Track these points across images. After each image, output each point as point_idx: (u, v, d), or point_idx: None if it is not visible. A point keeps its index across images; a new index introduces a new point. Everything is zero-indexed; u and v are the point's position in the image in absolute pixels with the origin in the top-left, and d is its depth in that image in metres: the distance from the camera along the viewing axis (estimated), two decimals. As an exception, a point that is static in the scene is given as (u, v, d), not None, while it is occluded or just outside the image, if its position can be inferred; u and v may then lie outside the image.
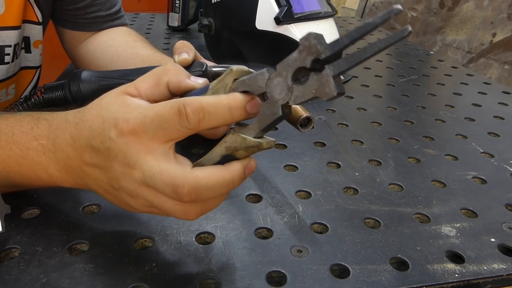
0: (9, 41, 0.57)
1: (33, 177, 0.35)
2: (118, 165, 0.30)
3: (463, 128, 0.64)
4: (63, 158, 0.33)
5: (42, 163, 0.34)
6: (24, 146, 0.34)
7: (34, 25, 0.61)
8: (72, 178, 0.34)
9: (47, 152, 0.34)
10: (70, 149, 0.32)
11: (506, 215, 0.44)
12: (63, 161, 0.33)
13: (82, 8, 0.67)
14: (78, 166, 0.33)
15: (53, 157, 0.34)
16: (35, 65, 0.66)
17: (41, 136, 0.34)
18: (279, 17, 0.73)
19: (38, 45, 0.64)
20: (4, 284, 0.32)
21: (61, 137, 0.33)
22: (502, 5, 1.49)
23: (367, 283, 0.34)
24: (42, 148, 0.34)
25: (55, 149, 0.33)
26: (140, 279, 0.33)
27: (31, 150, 0.34)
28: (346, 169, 0.51)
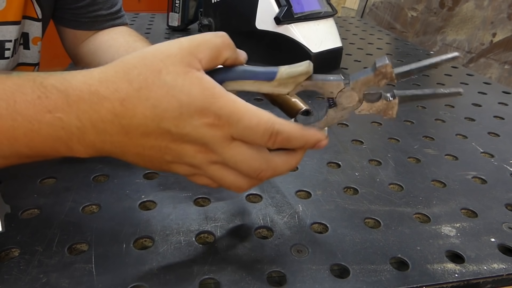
0: (9, 36, 0.57)
1: (47, 150, 0.31)
2: (191, 147, 0.30)
3: (463, 128, 0.64)
4: (97, 135, 0.30)
5: (61, 138, 0.30)
6: (33, 119, 0.29)
7: (33, 22, 0.62)
8: (102, 153, 0.31)
9: (69, 127, 0.30)
10: (110, 126, 0.30)
11: (506, 215, 0.44)
12: (95, 138, 0.30)
13: (84, 7, 0.67)
14: (119, 144, 0.31)
15: (78, 133, 0.30)
16: (33, 62, 0.66)
17: (56, 109, 0.29)
18: (279, 17, 0.73)
19: (37, 42, 0.64)
20: (4, 284, 0.32)
21: (91, 113, 0.29)
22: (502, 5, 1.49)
23: (367, 283, 0.34)
24: (60, 122, 0.29)
25: (82, 125, 0.30)
26: (140, 279, 0.33)
27: (44, 124, 0.29)
28: (346, 169, 0.51)
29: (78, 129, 0.30)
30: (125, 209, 0.41)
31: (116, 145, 0.31)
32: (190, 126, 0.29)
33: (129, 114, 0.29)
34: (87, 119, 0.29)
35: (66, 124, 0.30)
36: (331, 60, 0.82)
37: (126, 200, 0.43)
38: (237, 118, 0.29)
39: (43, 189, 0.44)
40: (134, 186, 0.45)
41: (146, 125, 0.29)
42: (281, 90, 0.32)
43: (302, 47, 0.74)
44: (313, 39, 0.75)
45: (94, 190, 0.44)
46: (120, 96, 0.29)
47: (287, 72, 0.32)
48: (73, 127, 0.30)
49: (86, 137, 0.30)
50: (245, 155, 0.31)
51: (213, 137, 0.30)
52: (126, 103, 0.29)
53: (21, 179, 0.45)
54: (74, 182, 0.45)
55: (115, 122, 0.29)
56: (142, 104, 0.29)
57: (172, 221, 0.40)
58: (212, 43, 0.31)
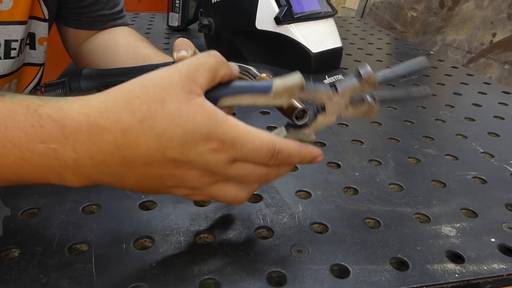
0: (16, 36, 0.58)
1: (36, 179, 0.30)
2: (195, 172, 0.31)
3: (463, 128, 0.64)
4: (94, 167, 0.29)
5: (53, 168, 0.29)
6: (24, 148, 0.28)
7: (40, 22, 0.62)
8: (97, 182, 0.31)
9: (63, 158, 0.29)
10: (112, 158, 0.29)
11: (506, 215, 0.44)
12: (92, 169, 0.29)
13: (87, 6, 0.67)
14: (118, 174, 0.30)
15: (73, 165, 0.29)
16: (39, 63, 0.66)
17: (50, 139, 0.28)
18: (279, 17, 0.73)
19: (43, 42, 0.64)
20: (4, 284, 0.32)
21: (89, 145, 0.28)
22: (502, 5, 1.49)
23: (367, 283, 0.34)
24: (54, 153, 0.28)
25: (79, 157, 0.29)
26: (140, 279, 0.33)
27: (35, 154, 0.28)
28: (346, 169, 0.51)
29: (74, 161, 0.29)
30: (125, 209, 0.41)
31: (114, 175, 0.30)
32: (195, 153, 0.29)
33: (132, 145, 0.29)
34: (84, 151, 0.28)
35: (61, 156, 0.28)
36: (331, 60, 0.82)
37: (126, 200, 0.43)
38: (241, 142, 0.30)
39: (43, 189, 0.44)
40: (134, 186, 0.45)
41: (150, 155, 0.29)
42: (276, 102, 0.33)
43: (302, 47, 0.74)
44: (313, 39, 0.75)
45: (94, 190, 0.44)
46: (122, 128, 0.28)
47: (283, 85, 0.33)
48: (68, 159, 0.28)
49: (82, 169, 0.29)
50: (249, 169, 0.32)
51: (218, 161, 0.30)
52: (129, 134, 0.28)
53: (21, 179, 0.45)
54: (74, 182, 0.45)
55: (116, 154, 0.29)
56: (146, 134, 0.28)
57: (172, 221, 0.40)
58: (208, 65, 0.32)
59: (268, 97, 0.33)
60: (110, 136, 0.28)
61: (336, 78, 0.80)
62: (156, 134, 0.28)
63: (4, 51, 0.57)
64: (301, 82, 0.33)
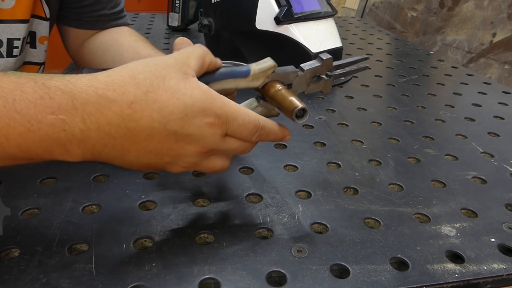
0: (18, 34, 0.58)
1: (39, 152, 0.30)
2: (192, 147, 0.33)
3: (463, 128, 0.64)
4: (99, 139, 0.30)
5: (59, 140, 0.29)
6: (32, 119, 0.28)
7: (41, 21, 0.62)
8: (98, 157, 0.32)
9: (71, 129, 0.29)
10: (116, 129, 0.30)
11: (506, 215, 0.44)
12: (97, 141, 0.30)
13: (88, 6, 0.67)
14: (120, 147, 0.31)
15: (80, 136, 0.30)
16: (39, 61, 0.66)
17: (59, 110, 0.29)
18: (279, 17, 0.73)
19: (44, 41, 0.64)
20: (4, 284, 0.32)
21: (98, 116, 0.29)
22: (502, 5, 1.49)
23: (367, 283, 0.34)
24: (62, 124, 0.29)
25: (86, 128, 0.29)
26: (140, 279, 0.33)
27: (44, 125, 0.29)
28: (346, 169, 0.51)
29: (81, 131, 0.29)
30: (125, 209, 0.41)
31: (117, 148, 0.31)
32: (194, 126, 0.32)
33: (137, 117, 0.30)
34: (93, 122, 0.29)
35: (69, 126, 0.29)
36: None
37: (126, 200, 0.43)
38: (233, 117, 0.34)
39: (43, 189, 0.44)
40: (134, 186, 0.45)
41: (152, 127, 0.31)
42: (254, 84, 0.40)
43: (302, 47, 0.74)
44: (313, 39, 0.75)
45: (94, 190, 0.44)
46: (128, 99, 0.30)
47: (259, 68, 0.39)
48: (76, 129, 0.29)
49: (88, 141, 0.30)
50: (236, 144, 0.36)
51: (214, 135, 0.33)
52: (134, 106, 0.30)
53: (21, 179, 0.45)
54: (74, 182, 0.45)
55: (121, 126, 0.30)
56: (150, 107, 0.30)
57: (172, 221, 0.40)
58: (197, 53, 0.35)
59: (247, 80, 0.39)
60: (117, 108, 0.30)
61: (336, 78, 0.80)
62: (159, 107, 0.30)
63: (6, 50, 0.57)
64: (273, 65, 0.40)
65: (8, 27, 0.56)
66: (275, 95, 0.40)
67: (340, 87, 0.79)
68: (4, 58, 0.58)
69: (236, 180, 0.47)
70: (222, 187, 0.46)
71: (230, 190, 0.45)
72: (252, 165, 0.50)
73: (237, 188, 0.46)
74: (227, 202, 0.43)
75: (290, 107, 0.38)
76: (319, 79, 0.43)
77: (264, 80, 0.40)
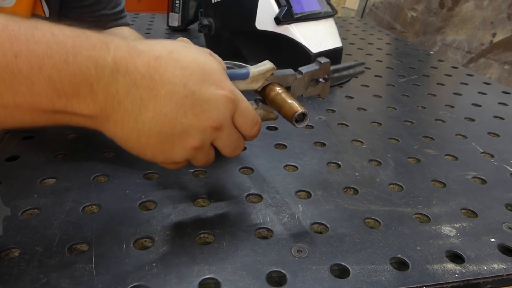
0: None
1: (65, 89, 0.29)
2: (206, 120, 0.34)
3: (463, 128, 0.64)
4: (124, 84, 0.31)
5: (89, 78, 0.30)
6: (69, 51, 0.29)
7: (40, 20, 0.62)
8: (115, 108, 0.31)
9: (102, 68, 0.30)
10: (141, 77, 0.31)
11: (506, 215, 0.44)
12: (122, 86, 0.31)
13: (88, 6, 0.67)
14: (140, 100, 0.32)
15: (108, 77, 0.30)
16: None
17: (94, 48, 0.30)
18: (279, 17, 0.73)
19: None
20: (4, 284, 0.32)
21: (128, 60, 0.31)
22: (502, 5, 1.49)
23: (367, 283, 0.34)
24: (95, 61, 0.30)
25: (116, 69, 0.30)
26: (140, 279, 0.33)
27: (78, 58, 0.29)
28: (346, 169, 0.51)
29: (111, 71, 0.30)
30: (125, 209, 0.41)
31: (137, 100, 0.32)
32: (210, 93, 0.33)
33: (161, 70, 0.32)
34: (122, 65, 0.31)
35: (100, 65, 0.30)
36: (331, 60, 0.82)
37: (126, 200, 0.43)
38: (241, 98, 0.36)
39: (43, 189, 0.44)
40: (134, 186, 0.45)
41: (174, 83, 0.32)
42: (253, 86, 0.41)
43: (302, 47, 0.74)
44: (313, 39, 0.75)
45: (94, 190, 0.44)
46: (155, 54, 0.32)
47: (258, 70, 0.40)
48: (107, 69, 0.30)
49: (113, 84, 0.31)
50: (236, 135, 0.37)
51: (226, 109, 0.34)
52: (160, 60, 0.32)
53: (21, 179, 0.45)
54: (74, 182, 0.45)
55: (146, 75, 0.31)
56: (173, 63, 0.33)
57: (172, 221, 0.40)
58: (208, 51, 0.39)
59: (247, 82, 0.40)
60: (145, 58, 0.32)
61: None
62: (182, 66, 0.33)
63: None
64: (272, 67, 0.41)
65: None
66: (275, 99, 0.40)
67: (340, 87, 0.79)
68: None
69: (236, 180, 0.47)
70: (222, 187, 0.46)
71: (230, 190, 0.45)
72: (252, 165, 0.50)
73: (237, 188, 0.46)
74: (227, 202, 0.43)
75: (290, 111, 0.38)
76: (317, 83, 0.45)
77: (263, 82, 0.41)
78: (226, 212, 0.42)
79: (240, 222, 0.40)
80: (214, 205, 0.43)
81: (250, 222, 0.41)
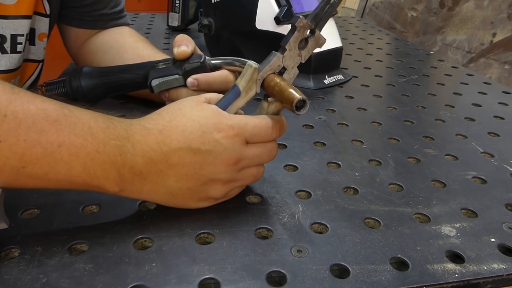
0: (21, 30, 0.58)
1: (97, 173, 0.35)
2: (221, 163, 0.38)
3: (463, 128, 0.64)
4: (144, 165, 0.36)
5: (116, 163, 0.35)
6: (101, 142, 0.35)
7: (41, 17, 0.62)
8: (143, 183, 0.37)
9: (125, 154, 0.36)
10: (155, 154, 0.36)
11: (506, 215, 0.44)
12: (143, 166, 0.36)
13: (88, 5, 0.67)
14: (161, 172, 0.37)
15: (130, 161, 0.36)
16: (38, 59, 0.66)
17: (118, 137, 0.36)
18: (279, 17, 0.73)
19: (43, 39, 0.64)
20: (4, 284, 0.32)
21: (142, 142, 0.36)
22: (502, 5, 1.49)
23: (367, 283, 0.34)
24: (119, 149, 0.35)
25: (135, 153, 0.36)
26: (140, 279, 0.33)
27: (108, 147, 0.35)
28: (346, 169, 0.51)
29: (132, 156, 0.36)
30: (125, 209, 0.41)
31: (158, 173, 0.37)
32: (212, 141, 0.37)
33: (167, 141, 0.36)
34: (139, 148, 0.36)
35: (123, 152, 0.36)
36: (331, 60, 0.82)
37: (126, 200, 0.43)
38: (244, 122, 0.38)
39: (43, 189, 0.44)
40: (134, 186, 0.45)
41: (180, 148, 0.37)
42: (251, 94, 0.41)
43: (302, 47, 0.74)
44: (313, 39, 0.75)
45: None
46: (159, 128, 0.37)
47: (244, 80, 0.40)
48: (128, 154, 0.36)
49: (136, 166, 0.36)
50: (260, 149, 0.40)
51: (233, 145, 0.37)
52: (164, 132, 0.37)
53: (21, 179, 0.45)
54: (74, 182, 0.45)
55: (158, 150, 0.36)
56: (174, 131, 0.37)
57: (172, 221, 0.40)
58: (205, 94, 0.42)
59: (243, 96, 0.41)
60: (153, 135, 0.37)
61: (336, 78, 0.80)
62: (182, 130, 0.37)
63: (10, 46, 0.57)
64: (254, 68, 0.40)
65: (12, 23, 0.56)
66: (274, 91, 0.39)
67: (340, 87, 0.79)
68: (8, 54, 0.58)
69: (236, 180, 0.47)
70: (222, 187, 0.46)
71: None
72: (252, 165, 0.50)
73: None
74: (227, 202, 0.43)
75: (290, 99, 0.37)
76: (307, 42, 0.41)
77: (257, 85, 0.40)
78: (226, 212, 0.42)
79: (240, 222, 0.40)
80: (214, 205, 0.43)
81: (250, 222, 0.41)
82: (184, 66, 0.54)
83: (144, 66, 0.57)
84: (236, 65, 0.55)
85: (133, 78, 0.57)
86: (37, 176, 0.33)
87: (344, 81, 0.81)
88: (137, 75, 0.57)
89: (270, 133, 0.39)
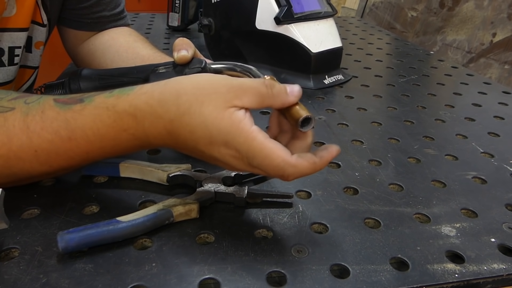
0: (19, 43, 0.57)
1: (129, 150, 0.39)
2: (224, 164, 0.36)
3: (463, 128, 0.64)
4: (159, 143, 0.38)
5: (136, 146, 0.38)
6: (114, 138, 0.37)
7: (38, 27, 0.62)
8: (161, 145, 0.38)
9: (140, 139, 0.37)
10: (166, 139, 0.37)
11: (506, 215, 0.44)
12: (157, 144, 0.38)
13: (88, 7, 0.67)
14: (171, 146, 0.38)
15: (146, 143, 0.38)
16: (34, 65, 0.66)
17: (129, 127, 0.37)
18: (279, 17, 0.73)
19: (40, 47, 0.64)
20: (4, 284, 0.32)
21: (152, 130, 0.36)
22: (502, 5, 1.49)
23: (367, 283, 0.34)
24: (133, 137, 0.37)
25: (147, 138, 0.37)
26: (140, 279, 0.33)
27: (123, 142, 0.37)
28: (346, 169, 0.51)
29: (146, 137, 0.37)
30: (125, 209, 0.41)
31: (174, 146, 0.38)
32: (218, 153, 0.35)
33: (175, 134, 0.36)
34: (150, 133, 0.37)
35: (137, 137, 0.37)
36: (331, 60, 0.82)
37: (126, 200, 0.43)
38: (253, 154, 0.34)
39: (43, 189, 0.44)
40: (134, 186, 0.45)
41: (186, 144, 0.36)
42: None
43: (302, 47, 0.74)
44: (313, 39, 0.75)
45: (94, 190, 0.44)
46: (170, 117, 0.35)
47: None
48: (143, 137, 0.37)
49: (151, 142, 0.38)
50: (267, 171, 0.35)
51: (238, 165, 0.36)
52: (173, 123, 0.35)
53: (21, 179, 0.45)
54: (74, 182, 0.45)
55: (168, 137, 0.36)
56: (184, 128, 0.35)
57: (172, 221, 0.40)
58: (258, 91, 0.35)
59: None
60: (163, 123, 0.36)
61: (336, 78, 0.80)
62: (190, 130, 0.35)
63: (8, 58, 0.57)
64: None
65: (10, 35, 0.56)
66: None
67: (340, 87, 0.79)
68: (5, 66, 0.57)
69: (236, 180, 0.47)
70: (222, 187, 0.46)
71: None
72: (252, 165, 0.50)
73: (237, 188, 0.46)
74: (227, 202, 0.43)
75: (295, 116, 0.37)
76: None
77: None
78: (226, 212, 0.42)
79: (240, 222, 0.40)
80: (214, 205, 0.43)
81: (250, 222, 0.41)
82: (185, 71, 0.53)
83: (144, 70, 0.56)
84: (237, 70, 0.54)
85: (133, 81, 0.57)
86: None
87: (344, 81, 0.81)
88: (137, 79, 0.56)
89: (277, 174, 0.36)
